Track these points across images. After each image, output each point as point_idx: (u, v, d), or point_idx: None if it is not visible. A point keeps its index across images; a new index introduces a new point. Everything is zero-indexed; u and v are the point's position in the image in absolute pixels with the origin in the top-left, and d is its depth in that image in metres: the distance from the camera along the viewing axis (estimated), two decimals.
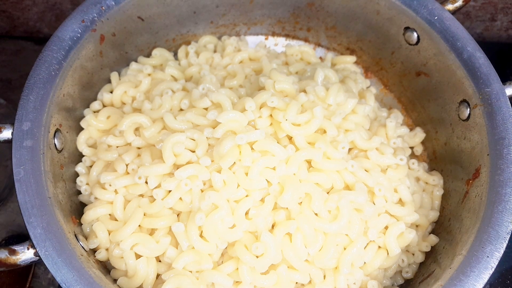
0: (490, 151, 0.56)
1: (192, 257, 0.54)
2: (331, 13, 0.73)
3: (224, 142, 0.55)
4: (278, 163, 0.56)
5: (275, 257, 0.54)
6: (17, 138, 0.51)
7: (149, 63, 0.71)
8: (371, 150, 0.62)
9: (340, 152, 0.59)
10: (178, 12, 0.70)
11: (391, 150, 0.63)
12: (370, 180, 0.59)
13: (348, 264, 0.56)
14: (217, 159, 0.55)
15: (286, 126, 0.58)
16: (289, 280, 0.55)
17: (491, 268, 0.49)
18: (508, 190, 0.53)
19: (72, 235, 0.52)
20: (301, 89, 0.64)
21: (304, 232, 0.54)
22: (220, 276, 0.53)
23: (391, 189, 0.60)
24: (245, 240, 0.54)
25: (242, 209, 0.55)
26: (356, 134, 0.62)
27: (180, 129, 0.59)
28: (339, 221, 0.55)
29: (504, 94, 0.57)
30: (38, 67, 0.55)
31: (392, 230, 0.58)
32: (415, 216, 0.61)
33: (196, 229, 0.54)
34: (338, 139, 0.60)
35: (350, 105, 0.63)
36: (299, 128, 0.58)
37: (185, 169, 0.55)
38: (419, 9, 0.64)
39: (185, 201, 0.56)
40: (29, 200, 0.49)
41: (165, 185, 0.55)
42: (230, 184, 0.55)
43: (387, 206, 0.60)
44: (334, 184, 0.58)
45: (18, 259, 0.47)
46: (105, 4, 0.61)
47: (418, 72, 0.69)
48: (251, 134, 0.56)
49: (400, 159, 0.63)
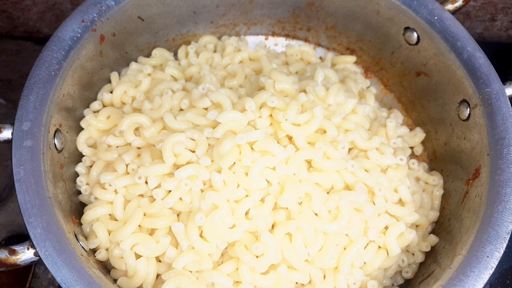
0: (490, 151, 0.56)
1: (192, 257, 0.54)
2: (331, 13, 0.73)
3: (224, 142, 0.55)
4: (278, 163, 0.55)
5: (275, 257, 0.53)
6: (17, 138, 0.51)
7: (149, 63, 0.71)
8: (371, 150, 0.62)
9: (340, 152, 0.59)
10: (178, 12, 0.70)
11: (391, 150, 0.63)
12: (370, 180, 0.59)
13: (348, 264, 0.56)
14: (217, 159, 0.55)
15: (286, 126, 0.58)
16: (289, 280, 0.55)
17: (491, 268, 0.49)
18: (508, 190, 0.53)
19: (72, 235, 0.52)
20: (301, 89, 0.64)
21: (304, 232, 0.54)
22: (220, 276, 0.53)
23: (391, 189, 0.60)
24: (245, 240, 0.54)
25: (242, 209, 0.54)
26: (356, 134, 0.62)
27: (180, 129, 0.59)
28: (339, 221, 0.55)
29: (504, 94, 0.57)
30: (38, 67, 0.55)
31: (392, 230, 0.58)
32: (415, 216, 0.61)
33: (196, 229, 0.54)
34: (338, 139, 0.60)
35: (350, 105, 0.63)
36: (299, 128, 0.58)
37: (185, 169, 0.55)
38: (419, 9, 0.64)
39: (185, 201, 0.56)
40: (29, 200, 0.49)
41: (165, 185, 0.55)
42: (230, 184, 0.54)
43: (387, 206, 0.60)
44: (334, 184, 0.58)
45: (18, 259, 0.47)
46: (105, 4, 0.61)
47: (418, 72, 0.69)
48: (251, 134, 0.56)
49: (400, 159, 0.63)
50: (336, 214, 0.56)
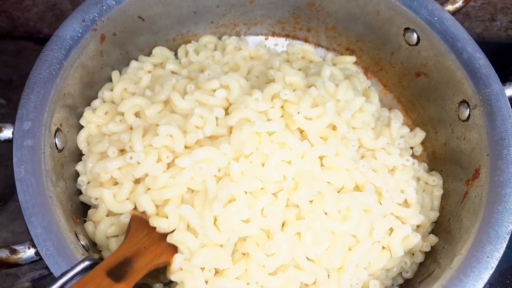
0: (489, 151, 0.56)
1: (211, 253, 0.53)
2: (331, 14, 0.73)
3: (244, 128, 0.54)
4: (294, 157, 0.55)
5: (286, 257, 0.53)
6: (18, 137, 0.51)
7: (149, 61, 0.70)
8: (379, 150, 0.62)
9: (350, 150, 0.59)
10: (178, 12, 0.70)
11: (398, 151, 0.63)
12: (378, 180, 0.59)
13: (354, 264, 0.55)
14: (235, 145, 0.55)
15: (299, 119, 0.58)
16: (295, 280, 0.54)
17: (491, 268, 0.50)
18: (508, 190, 0.53)
19: (73, 234, 0.52)
20: (309, 85, 0.63)
21: (315, 231, 0.54)
22: (230, 282, 0.53)
23: (398, 190, 0.60)
24: (257, 237, 0.54)
25: (259, 205, 0.54)
26: (363, 133, 0.61)
27: (188, 108, 0.58)
28: (349, 221, 0.55)
29: (504, 95, 0.57)
30: (39, 67, 0.55)
31: (398, 232, 0.58)
32: (420, 217, 0.60)
33: (211, 217, 0.53)
34: (348, 136, 0.60)
35: (358, 102, 0.63)
36: (311, 122, 0.58)
37: (203, 151, 0.54)
38: (419, 9, 0.64)
39: (197, 181, 0.55)
40: (30, 200, 0.49)
41: (180, 162, 0.54)
42: (248, 175, 0.54)
43: (393, 207, 0.59)
44: (345, 183, 0.58)
45: (19, 258, 0.47)
46: (105, 3, 0.61)
47: (418, 73, 0.69)
48: (270, 124, 0.55)
49: (406, 159, 0.63)
50: (346, 215, 0.56)
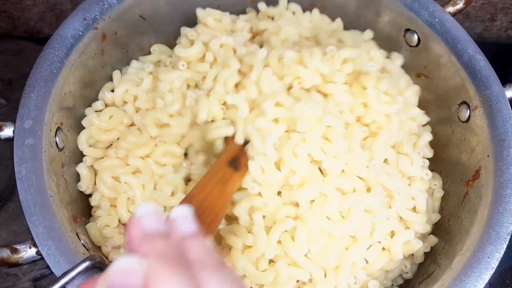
0: (490, 152, 0.56)
1: None
2: (331, 14, 0.73)
3: (309, 103, 0.55)
4: (326, 158, 0.56)
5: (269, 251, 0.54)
6: (18, 136, 0.51)
7: (149, 60, 0.70)
8: (402, 157, 0.61)
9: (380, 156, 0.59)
10: (179, 11, 0.70)
11: (421, 162, 0.62)
12: (390, 184, 0.58)
13: (350, 264, 0.55)
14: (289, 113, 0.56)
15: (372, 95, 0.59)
16: (288, 277, 0.54)
17: (491, 268, 0.50)
18: (508, 191, 0.53)
19: (74, 233, 0.52)
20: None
21: (311, 229, 0.54)
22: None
23: (409, 197, 0.60)
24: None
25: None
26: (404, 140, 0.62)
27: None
28: (349, 223, 0.55)
29: (504, 96, 0.58)
30: (39, 65, 0.55)
31: (400, 236, 0.57)
32: (426, 227, 0.60)
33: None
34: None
35: (415, 111, 0.65)
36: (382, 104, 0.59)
37: None
38: (420, 11, 0.64)
39: None
40: (31, 199, 0.48)
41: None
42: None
43: (401, 210, 0.59)
44: (356, 187, 0.57)
45: (20, 258, 0.47)
46: (107, 2, 0.61)
47: (418, 74, 0.69)
48: (336, 119, 0.56)
49: (426, 174, 0.62)
50: (346, 215, 0.55)
